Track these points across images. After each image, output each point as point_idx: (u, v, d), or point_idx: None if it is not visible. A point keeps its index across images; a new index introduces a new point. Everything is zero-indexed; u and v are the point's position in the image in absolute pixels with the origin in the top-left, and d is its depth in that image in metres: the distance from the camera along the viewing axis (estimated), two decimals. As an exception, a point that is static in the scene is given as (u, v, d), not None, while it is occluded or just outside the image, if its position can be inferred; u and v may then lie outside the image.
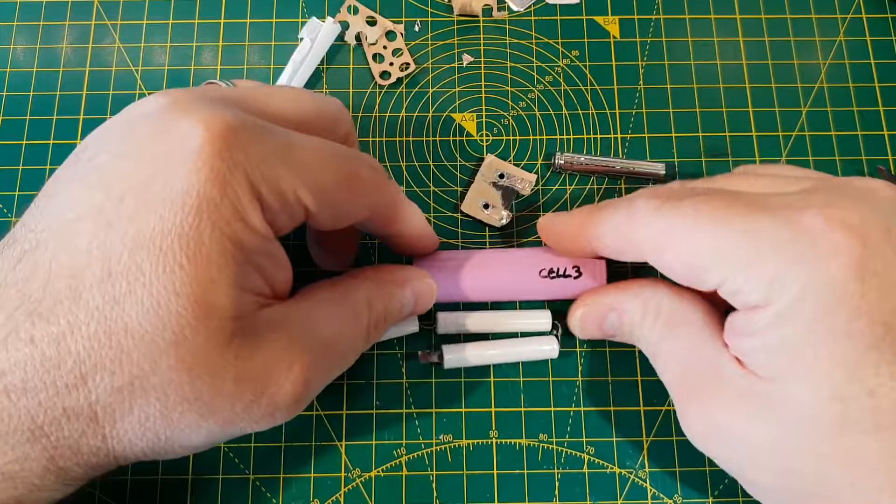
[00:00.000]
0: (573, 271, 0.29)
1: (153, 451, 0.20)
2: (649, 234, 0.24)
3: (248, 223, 0.20)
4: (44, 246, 0.19)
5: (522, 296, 0.31)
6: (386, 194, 0.25)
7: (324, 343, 0.23)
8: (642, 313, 0.27)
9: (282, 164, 0.21)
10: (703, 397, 0.24)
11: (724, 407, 0.23)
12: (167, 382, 0.19)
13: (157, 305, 0.19)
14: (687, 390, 0.24)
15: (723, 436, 0.23)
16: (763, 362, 0.22)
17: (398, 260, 0.32)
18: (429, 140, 0.34)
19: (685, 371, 0.25)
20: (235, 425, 0.21)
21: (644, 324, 0.26)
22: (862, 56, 0.35)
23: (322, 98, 0.26)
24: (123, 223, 0.19)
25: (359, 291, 0.25)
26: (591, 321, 0.28)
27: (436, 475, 0.30)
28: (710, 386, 0.24)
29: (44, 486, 0.20)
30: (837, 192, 0.22)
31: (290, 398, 0.21)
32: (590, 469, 0.30)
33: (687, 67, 0.35)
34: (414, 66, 0.35)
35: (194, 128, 0.20)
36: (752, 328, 0.22)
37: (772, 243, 0.21)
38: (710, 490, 0.29)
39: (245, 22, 0.36)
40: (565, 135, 0.34)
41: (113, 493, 0.29)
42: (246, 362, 0.20)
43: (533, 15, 0.36)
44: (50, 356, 0.18)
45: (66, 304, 0.19)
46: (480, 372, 0.31)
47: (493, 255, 0.31)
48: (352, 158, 0.24)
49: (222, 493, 0.29)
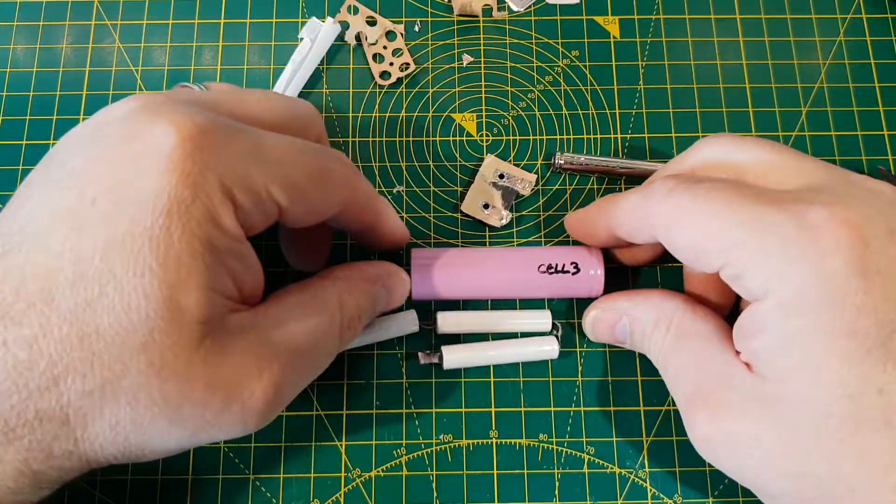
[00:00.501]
0: (571, 267, 0.30)
1: (124, 455, 0.20)
2: (662, 211, 0.24)
3: (220, 224, 0.20)
4: (17, 249, 0.19)
5: (522, 292, 0.31)
6: (357, 189, 0.25)
7: (296, 348, 0.22)
8: (654, 323, 0.27)
9: (253, 162, 0.21)
10: (712, 406, 0.23)
11: (733, 413, 0.23)
12: (137, 386, 0.19)
13: (127, 308, 0.19)
14: (695, 401, 0.24)
15: (732, 443, 0.23)
16: (771, 361, 0.22)
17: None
18: (429, 140, 0.34)
19: (694, 382, 0.25)
20: (206, 432, 0.21)
21: (655, 334, 0.27)
22: (862, 56, 0.35)
23: (294, 100, 0.26)
24: (95, 226, 0.19)
25: (329, 292, 0.25)
26: (602, 325, 0.29)
27: (436, 475, 0.30)
28: (719, 394, 0.23)
29: (18, 489, 0.20)
30: (844, 191, 0.23)
31: (262, 405, 0.21)
32: (590, 469, 0.30)
33: (687, 67, 0.35)
34: (414, 66, 0.35)
35: (165, 131, 0.20)
36: (757, 324, 0.22)
37: (776, 235, 0.22)
38: (710, 490, 0.29)
39: (245, 22, 0.36)
40: (565, 135, 0.34)
41: (113, 493, 0.29)
42: (215, 368, 0.20)
43: (533, 15, 0.36)
44: (22, 359, 0.18)
45: (39, 307, 0.19)
46: (480, 372, 0.31)
47: (492, 252, 0.31)
48: (322, 153, 0.24)
49: (222, 493, 0.29)
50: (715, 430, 0.23)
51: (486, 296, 0.31)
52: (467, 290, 0.30)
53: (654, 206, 0.25)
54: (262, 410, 0.21)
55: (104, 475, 0.29)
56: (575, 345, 0.31)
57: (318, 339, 0.24)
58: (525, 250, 0.31)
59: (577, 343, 0.31)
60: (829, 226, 0.21)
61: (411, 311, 0.31)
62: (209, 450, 0.30)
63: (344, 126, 0.34)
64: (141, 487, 0.29)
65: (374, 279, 0.27)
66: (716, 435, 0.23)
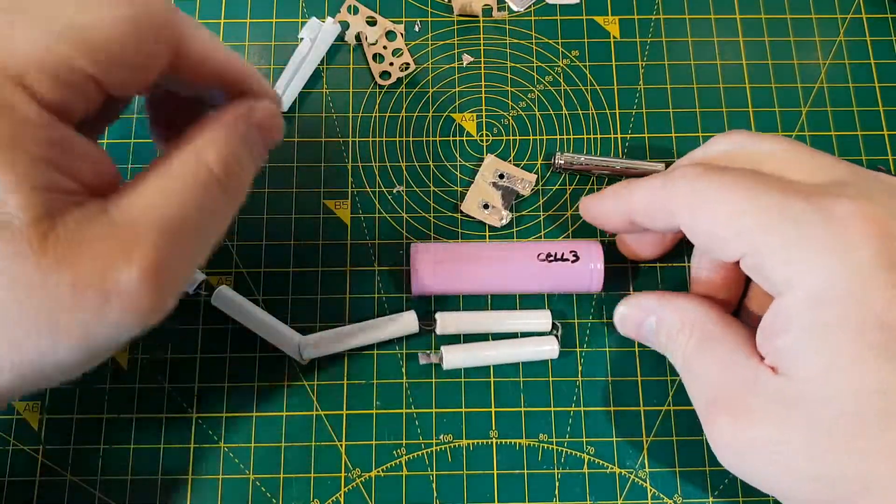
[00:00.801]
0: (570, 255, 0.30)
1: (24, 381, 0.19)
2: (685, 195, 0.24)
3: (18, 117, 0.18)
4: None
5: (522, 284, 0.31)
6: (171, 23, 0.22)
7: (167, 218, 0.20)
8: (680, 325, 0.27)
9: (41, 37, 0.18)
10: (734, 411, 0.23)
11: (756, 417, 0.22)
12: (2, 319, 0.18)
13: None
14: (717, 406, 0.24)
15: (754, 448, 0.23)
16: (798, 357, 0.22)
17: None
18: (429, 140, 0.34)
19: (716, 387, 0.24)
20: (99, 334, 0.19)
21: (679, 337, 0.27)
22: (862, 56, 0.35)
23: None
24: None
25: (185, 151, 0.22)
26: (630, 323, 0.29)
27: (436, 475, 0.30)
28: (742, 399, 0.23)
29: None
30: (867, 186, 0.23)
31: (144, 287, 0.19)
32: (590, 469, 0.30)
33: (687, 67, 0.35)
34: (414, 66, 0.35)
35: None
36: (782, 320, 0.22)
37: (802, 226, 0.21)
38: (710, 490, 0.29)
39: (245, 22, 0.36)
40: (565, 135, 0.34)
41: (113, 493, 0.29)
42: (75, 267, 0.18)
43: (533, 15, 0.36)
44: None
45: None
46: (480, 372, 0.31)
47: (491, 245, 0.31)
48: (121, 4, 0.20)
49: (222, 493, 0.29)
50: (737, 435, 0.23)
51: (485, 289, 0.31)
52: (467, 282, 0.30)
53: (676, 191, 0.25)
54: (148, 292, 0.19)
55: (104, 475, 0.29)
56: (575, 345, 0.31)
57: (191, 202, 0.21)
58: (525, 242, 0.31)
59: (577, 343, 0.31)
60: (856, 219, 0.21)
61: (411, 311, 0.31)
62: (209, 450, 0.30)
63: (344, 126, 0.34)
64: (141, 487, 0.29)
65: (233, 120, 0.23)
66: (737, 440, 0.23)
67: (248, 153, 0.23)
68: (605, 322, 0.32)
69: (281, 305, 0.31)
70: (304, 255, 0.32)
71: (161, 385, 0.31)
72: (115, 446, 0.30)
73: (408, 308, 0.31)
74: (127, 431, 0.30)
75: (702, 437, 0.30)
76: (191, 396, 0.30)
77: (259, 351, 0.31)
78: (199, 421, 0.30)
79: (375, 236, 0.33)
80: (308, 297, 0.32)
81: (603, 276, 0.30)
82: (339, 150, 0.34)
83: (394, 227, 0.33)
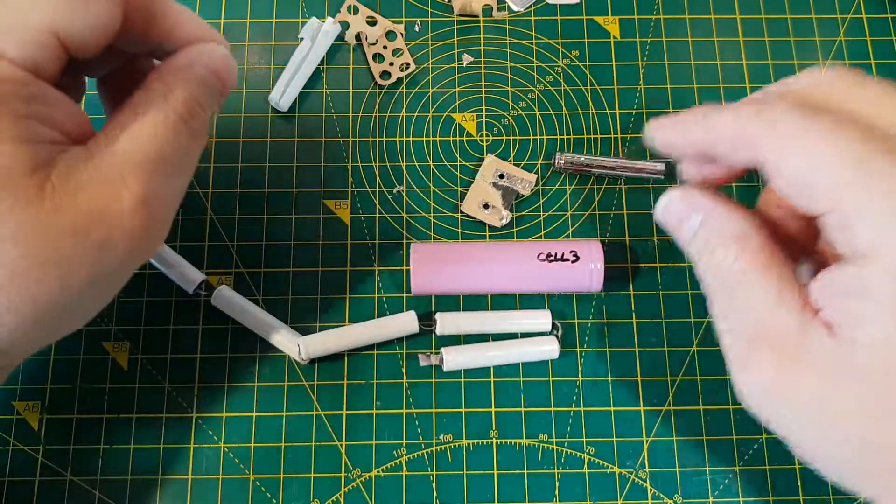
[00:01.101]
0: (571, 255, 0.30)
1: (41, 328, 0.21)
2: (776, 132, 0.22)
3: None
4: None
5: (522, 283, 0.31)
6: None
7: (144, 156, 0.22)
8: (729, 235, 0.24)
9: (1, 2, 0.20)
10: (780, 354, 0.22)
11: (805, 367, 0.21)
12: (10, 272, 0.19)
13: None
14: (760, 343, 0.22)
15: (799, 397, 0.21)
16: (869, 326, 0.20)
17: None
18: (429, 140, 0.34)
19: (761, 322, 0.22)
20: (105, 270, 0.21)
21: (727, 250, 0.23)
22: (862, 56, 0.35)
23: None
24: None
25: (149, 93, 0.24)
26: (673, 213, 0.25)
27: (436, 475, 0.30)
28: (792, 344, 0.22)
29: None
30: None
31: (137, 220, 0.21)
32: (590, 469, 0.30)
33: (687, 67, 0.35)
34: (414, 66, 0.35)
35: None
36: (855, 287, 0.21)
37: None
38: (710, 490, 0.29)
39: (245, 22, 0.36)
40: (565, 135, 0.34)
41: (113, 493, 0.29)
42: (73, 210, 0.20)
43: (533, 15, 0.36)
44: None
45: None
46: (480, 372, 0.31)
47: (491, 245, 0.31)
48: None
49: (222, 493, 0.29)
50: (780, 379, 0.21)
51: (485, 288, 0.31)
52: (467, 282, 0.30)
53: (766, 125, 0.22)
54: (141, 222, 0.21)
55: (104, 475, 0.29)
56: (575, 345, 0.31)
57: (164, 140, 0.23)
58: (525, 242, 0.31)
59: (577, 343, 0.31)
60: None
61: (411, 312, 0.31)
62: (209, 450, 0.30)
63: (344, 126, 0.34)
64: (141, 487, 0.29)
65: (188, 64, 0.25)
66: (779, 385, 0.21)
67: (208, 96, 0.25)
68: (605, 322, 0.32)
69: (281, 305, 0.31)
70: (304, 255, 0.32)
71: (161, 385, 0.31)
72: (115, 446, 0.30)
73: (408, 308, 0.31)
74: (127, 431, 0.30)
75: (702, 437, 0.30)
76: (191, 396, 0.30)
77: (259, 351, 0.31)
78: (199, 421, 0.30)
79: (375, 236, 0.33)
80: (308, 297, 0.32)
81: (603, 276, 0.30)
82: (339, 150, 0.34)
83: (394, 227, 0.33)
